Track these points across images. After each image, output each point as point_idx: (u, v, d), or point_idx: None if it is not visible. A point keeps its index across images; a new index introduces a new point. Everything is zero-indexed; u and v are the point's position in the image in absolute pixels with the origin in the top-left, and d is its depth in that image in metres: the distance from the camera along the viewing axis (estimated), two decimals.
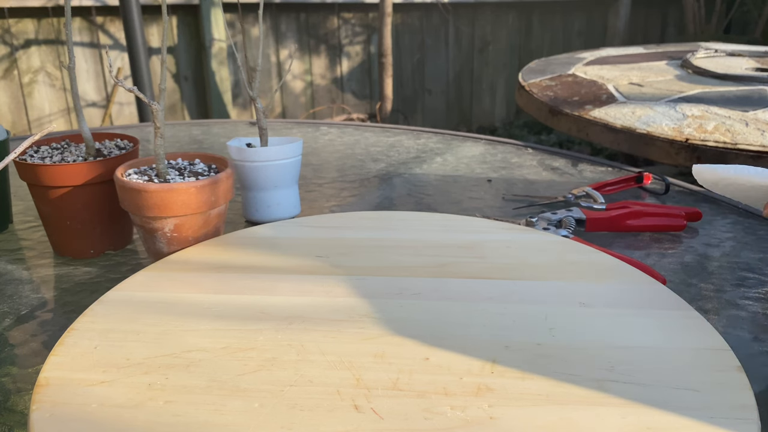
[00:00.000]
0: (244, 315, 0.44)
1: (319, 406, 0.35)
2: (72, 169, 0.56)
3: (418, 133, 1.07)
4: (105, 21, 2.53)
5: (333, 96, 3.24)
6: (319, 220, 0.61)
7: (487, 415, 0.34)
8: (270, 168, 0.65)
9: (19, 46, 2.36)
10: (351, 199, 0.76)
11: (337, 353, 0.40)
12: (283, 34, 2.99)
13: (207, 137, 1.06)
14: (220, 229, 0.58)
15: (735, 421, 0.33)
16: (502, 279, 0.49)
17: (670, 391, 0.36)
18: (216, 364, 0.39)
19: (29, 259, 0.61)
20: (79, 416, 0.34)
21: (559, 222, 0.65)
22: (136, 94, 0.51)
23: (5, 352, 0.46)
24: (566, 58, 1.80)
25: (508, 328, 0.42)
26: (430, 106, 3.60)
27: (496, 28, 3.73)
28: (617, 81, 1.45)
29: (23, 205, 0.74)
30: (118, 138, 0.66)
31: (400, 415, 0.34)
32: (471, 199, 0.75)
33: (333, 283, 0.49)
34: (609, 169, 0.86)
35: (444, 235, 0.57)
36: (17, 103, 2.40)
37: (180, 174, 0.57)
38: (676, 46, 2.05)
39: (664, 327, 0.42)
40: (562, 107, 1.24)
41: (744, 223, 0.68)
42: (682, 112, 1.17)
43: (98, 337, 0.41)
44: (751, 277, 0.56)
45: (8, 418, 0.39)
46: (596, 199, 0.71)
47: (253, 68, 3.32)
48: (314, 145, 1.00)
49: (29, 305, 0.53)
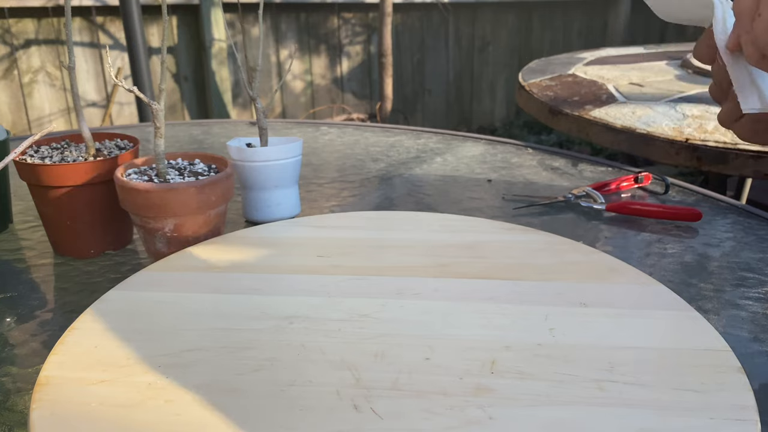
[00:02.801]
0: (244, 315, 0.44)
1: (319, 406, 0.35)
2: (72, 169, 0.56)
3: (418, 133, 1.07)
4: (105, 21, 2.53)
5: (333, 96, 3.24)
6: (319, 220, 0.61)
7: (487, 416, 0.34)
8: (270, 168, 0.65)
9: (19, 46, 2.36)
10: (351, 199, 0.76)
11: (337, 353, 0.40)
12: (283, 34, 2.99)
13: (207, 137, 1.06)
14: (220, 229, 0.58)
15: (735, 421, 0.33)
16: (502, 279, 0.49)
17: (670, 391, 0.36)
18: (216, 364, 0.39)
19: (29, 259, 0.61)
20: (80, 415, 0.34)
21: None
22: (136, 94, 0.51)
23: (5, 352, 0.46)
24: (566, 58, 1.80)
25: (508, 328, 0.42)
26: (430, 106, 3.60)
27: (496, 28, 3.73)
28: (617, 81, 1.45)
29: (23, 205, 0.74)
30: (118, 138, 0.66)
31: (400, 415, 0.34)
32: (471, 199, 0.75)
33: (333, 283, 0.49)
34: (609, 169, 0.86)
35: (444, 235, 0.57)
36: (17, 103, 2.40)
37: (180, 174, 0.57)
38: (676, 46, 2.06)
39: (664, 327, 0.42)
40: (562, 107, 1.24)
41: (744, 223, 0.68)
42: (682, 112, 1.17)
43: (98, 337, 0.41)
44: (751, 277, 0.56)
45: (8, 418, 0.39)
46: (596, 199, 0.71)
47: (253, 68, 3.31)
48: (314, 145, 1.00)
49: (29, 305, 0.53)
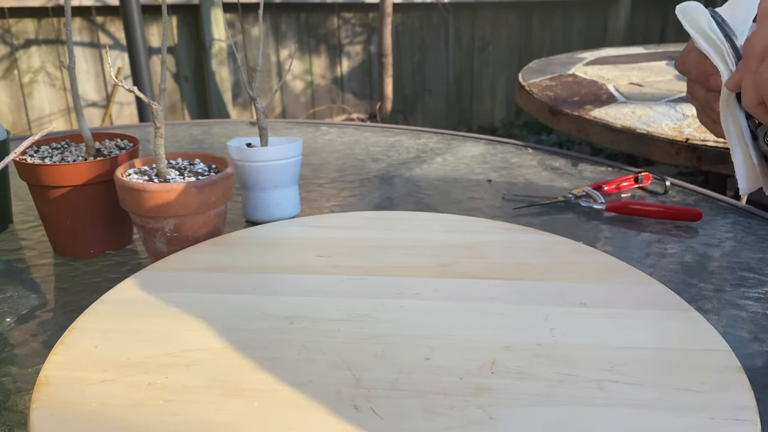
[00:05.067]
0: (244, 315, 0.44)
1: (319, 406, 0.35)
2: (72, 169, 0.56)
3: (418, 133, 1.07)
4: (105, 21, 2.53)
5: (333, 96, 3.24)
6: (319, 220, 0.61)
7: (487, 416, 0.34)
8: (270, 168, 0.65)
9: (19, 46, 2.36)
10: (351, 199, 0.76)
11: (337, 353, 0.40)
12: (283, 34, 2.99)
13: (207, 137, 1.06)
14: (220, 229, 0.58)
15: (735, 421, 0.33)
16: (502, 279, 0.49)
17: (670, 391, 0.36)
18: (216, 363, 0.39)
19: (29, 259, 0.61)
20: (80, 415, 0.34)
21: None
22: (136, 94, 0.51)
23: (5, 352, 0.46)
24: (566, 58, 1.80)
25: (508, 328, 0.42)
26: (430, 106, 3.60)
27: (496, 28, 3.73)
28: (617, 81, 1.45)
29: (23, 205, 0.74)
30: (118, 138, 0.66)
31: (400, 415, 0.34)
32: (471, 199, 0.75)
33: (333, 283, 0.49)
34: (609, 169, 0.86)
35: (444, 235, 0.57)
36: (17, 103, 2.40)
37: (180, 174, 0.57)
38: (676, 46, 2.06)
39: (665, 327, 0.42)
40: (562, 107, 1.24)
41: (744, 223, 0.68)
42: (682, 112, 1.17)
43: (99, 337, 0.41)
44: (751, 277, 0.56)
45: (8, 418, 0.39)
46: (596, 199, 0.71)
47: (253, 68, 3.31)
48: (314, 145, 1.00)
49: (29, 305, 0.53)
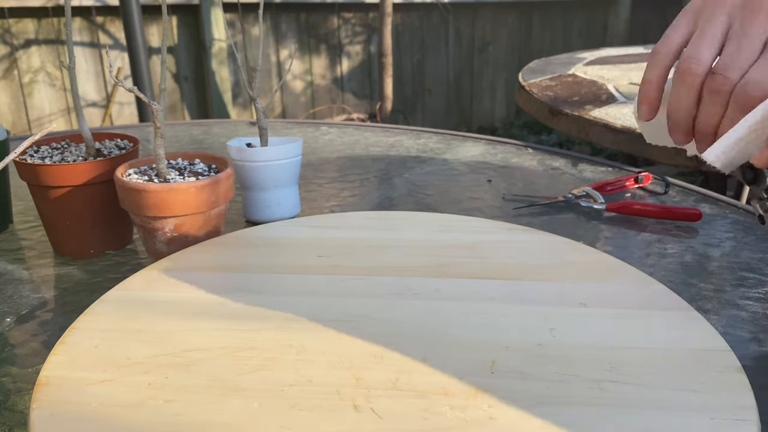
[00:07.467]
0: (244, 315, 0.44)
1: (318, 406, 0.35)
2: (72, 169, 0.56)
3: (418, 133, 1.07)
4: (105, 21, 2.53)
5: (333, 96, 3.24)
6: (319, 220, 0.61)
7: (487, 416, 0.34)
8: (270, 168, 0.65)
9: (19, 46, 2.36)
10: (351, 199, 0.76)
11: (337, 353, 0.40)
12: (283, 34, 2.99)
13: (207, 137, 1.06)
14: (220, 229, 0.58)
15: (735, 421, 0.33)
16: (502, 279, 0.49)
17: (670, 391, 0.36)
18: (216, 363, 0.39)
19: (29, 259, 0.61)
20: (80, 415, 0.34)
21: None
22: (136, 94, 0.51)
23: (5, 352, 0.46)
24: (566, 58, 1.80)
25: (508, 328, 0.42)
26: (430, 106, 3.60)
27: (496, 28, 3.73)
28: (617, 81, 1.45)
29: (23, 205, 0.74)
30: (118, 138, 0.66)
31: (400, 415, 0.34)
32: (471, 199, 0.75)
33: (333, 283, 0.49)
34: (609, 169, 0.86)
35: (444, 235, 0.57)
36: (17, 103, 2.40)
37: (180, 174, 0.57)
38: None
39: (664, 327, 0.42)
40: (562, 107, 1.24)
41: (744, 223, 0.68)
42: None
43: (99, 337, 0.41)
44: (751, 277, 0.56)
45: (8, 418, 0.39)
46: (596, 199, 0.71)
47: (253, 68, 3.31)
48: (314, 145, 1.00)
49: (29, 305, 0.53)
